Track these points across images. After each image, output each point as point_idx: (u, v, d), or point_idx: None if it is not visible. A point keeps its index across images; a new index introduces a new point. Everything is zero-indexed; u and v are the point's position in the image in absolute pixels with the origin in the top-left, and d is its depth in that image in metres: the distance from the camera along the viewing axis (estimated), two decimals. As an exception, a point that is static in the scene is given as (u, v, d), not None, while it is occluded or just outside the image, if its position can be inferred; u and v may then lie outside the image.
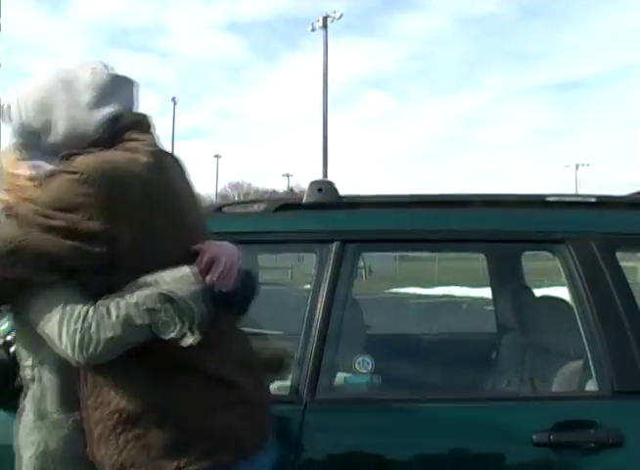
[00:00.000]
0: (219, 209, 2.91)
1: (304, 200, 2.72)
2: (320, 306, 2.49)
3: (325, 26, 33.64)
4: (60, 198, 1.78)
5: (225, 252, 1.96)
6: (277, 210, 2.73)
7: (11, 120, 1.99)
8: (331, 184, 2.76)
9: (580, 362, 2.64)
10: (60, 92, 1.95)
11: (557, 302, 3.05)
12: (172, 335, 1.76)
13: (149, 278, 1.81)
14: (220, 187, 77.14)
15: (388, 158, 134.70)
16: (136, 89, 2.07)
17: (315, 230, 2.66)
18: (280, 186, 73.49)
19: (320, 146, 31.44)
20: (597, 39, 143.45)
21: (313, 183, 2.75)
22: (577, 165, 68.99)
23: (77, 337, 1.76)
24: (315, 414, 2.37)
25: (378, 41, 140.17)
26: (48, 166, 1.91)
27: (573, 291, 2.58)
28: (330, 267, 2.54)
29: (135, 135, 1.93)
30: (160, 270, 1.81)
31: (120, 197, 1.78)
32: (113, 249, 1.78)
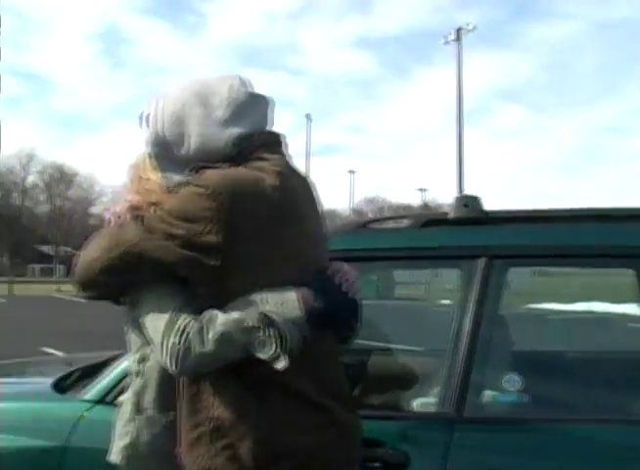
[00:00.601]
0: (364, 225, 2.93)
1: (450, 215, 2.70)
2: (467, 323, 2.46)
3: (458, 39, 33.35)
4: (184, 209, 1.83)
5: (347, 267, 2.00)
6: (423, 225, 2.73)
7: (147, 129, 2.05)
8: (476, 199, 2.73)
9: None
10: (195, 106, 1.98)
11: None
12: (266, 355, 1.77)
13: (254, 297, 1.82)
14: (355, 202, 77.53)
15: (524, 171, 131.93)
16: (271, 107, 2.08)
17: (462, 246, 2.64)
18: (415, 201, 73.17)
19: (454, 160, 31.13)
20: None
21: (459, 198, 2.73)
22: None
23: (175, 350, 1.80)
24: (462, 433, 2.35)
25: (511, 52, 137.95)
26: (176, 177, 1.98)
27: None
28: (477, 283, 2.51)
29: (265, 154, 1.95)
30: (268, 290, 1.83)
31: (242, 214, 1.81)
32: (227, 264, 1.81)
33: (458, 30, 33.55)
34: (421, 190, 75.33)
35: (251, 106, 2.01)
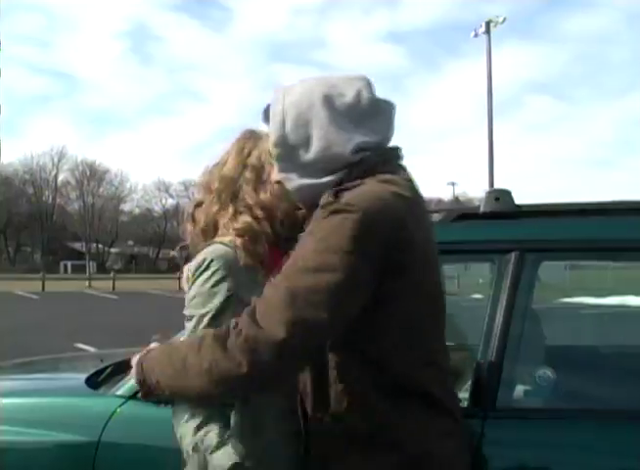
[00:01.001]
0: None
1: (482, 209, 2.69)
2: (499, 317, 2.45)
3: (488, 32, 33.02)
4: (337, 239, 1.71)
5: None
6: (455, 219, 2.72)
7: (271, 126, 1.94)
8: (508, 193, 2.71)
9: None
10: (321, 108, 1.87)
11: None
12: None
13: None
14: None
15: (555, 164, 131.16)
16: (395, 113, 1.98)
17: (494, 240, 2.63)
18: (446, 195, 72.89)
19: (485, 153, 30.90)
20: None
21: (490, 192, 2.72)
22: None
23: None
24: (495, 428, 2.34)
25: (542, 44, 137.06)
26: (297, 182, 1.92)
27: None
28: (509, 277, 2.50)
29: (389, 166, 1.90)
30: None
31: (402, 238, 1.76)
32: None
33: (487, 23, 33.16)
34: (452, 184, 75.06)
35: (378, 113, 1.92)
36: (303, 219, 1.95)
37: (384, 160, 1.90)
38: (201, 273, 1.99)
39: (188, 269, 2.05)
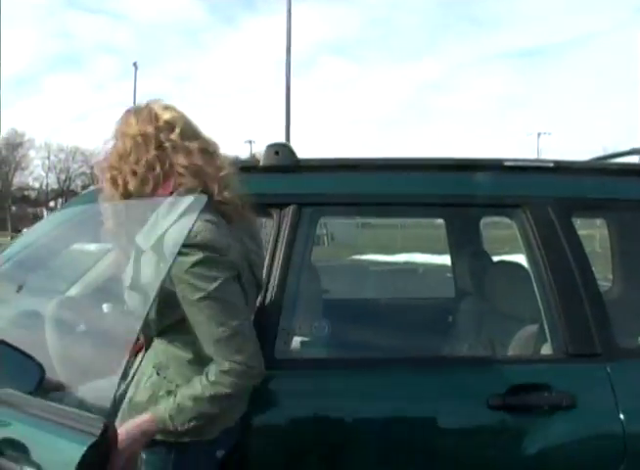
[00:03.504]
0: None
1: (261, 163, 2.67)
2: (276, 271, 2.46)
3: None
4: None
5: None
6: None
7: None
8: (288, 147, 2.71)
9: (536, 326, 2.65)
10: None
11: (513, 266, 3.06)
12: None
13: None
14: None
15: (350, 124, 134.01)
16: None
17: (272, 193, 2.61)
18: (243, 153, 72.89)
19: (282, 112, 31.08)
20: (559, 6, 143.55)
21: (270, 146, 2.70)
22: (539, 134, 69.02)
23: None
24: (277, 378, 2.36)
25: (338, 5, 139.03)
26: None
27: (530, 255, 2.59)
28: (287, 231, 2.51)
29: None
30: None
31: None
32: None
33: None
34: (249, 142, 75.04)
35: None
36: None
37: None
38: None
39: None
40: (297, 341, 2.67)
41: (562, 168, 2.81)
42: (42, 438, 1.74)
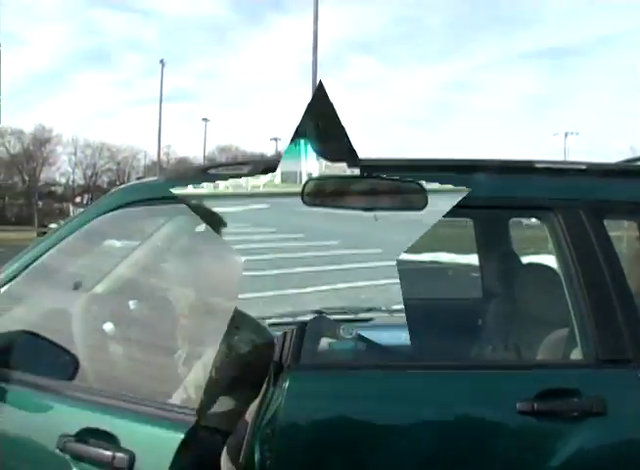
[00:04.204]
0: (205, 170, 2.85)
1: None
2: None
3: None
4: None
5: None
6: (263, 171, 2.68)
7: None
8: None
9: (566, 330, 2.63)
10: None
11: (543, 269, 3.03)
12: None
13: None
14: (208, 150, 76.71)
15: (376, 122, 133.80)
16: None
17: None
18: (269, 150, 73.03)
19: (308, 110, 31.08)
20: (587, 6, 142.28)
21: None
22: (567, 134, 68.50)
23: None
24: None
25: (364, 4, 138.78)
26: None
27: (560, 258, 2.57)
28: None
29: None
30: None
31: None
32: None
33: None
34: (275, 139, 75.17)
35: None
36: None
37: None
38: None
39: None
40: (324, 342, 2.65)
41: (593, 171, 2.78)
42: (136, 427, 1.82)
